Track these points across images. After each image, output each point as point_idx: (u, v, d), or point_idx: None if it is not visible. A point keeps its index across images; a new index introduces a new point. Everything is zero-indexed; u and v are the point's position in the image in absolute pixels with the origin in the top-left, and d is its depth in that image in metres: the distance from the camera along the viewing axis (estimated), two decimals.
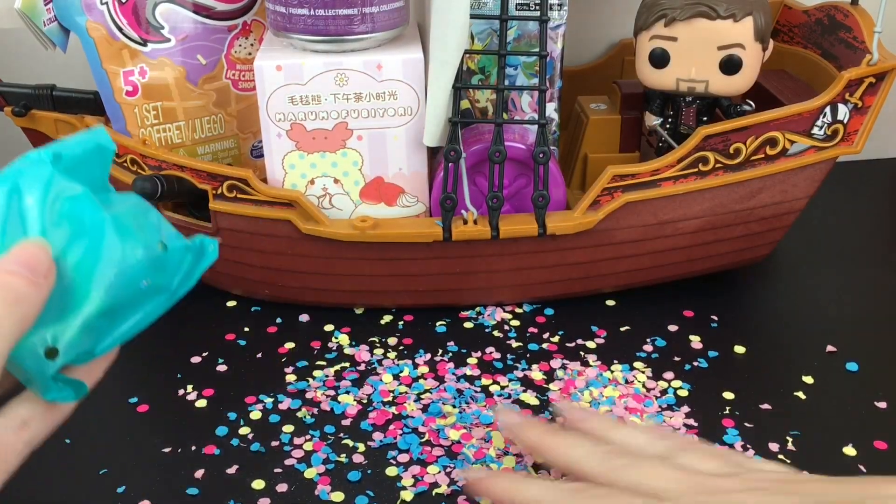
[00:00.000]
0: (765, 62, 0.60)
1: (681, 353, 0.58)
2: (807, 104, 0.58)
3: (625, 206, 0.58)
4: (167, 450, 0.50)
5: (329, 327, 0.61)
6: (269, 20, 0.57)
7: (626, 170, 0.57)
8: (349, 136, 0.56)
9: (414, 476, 0.48)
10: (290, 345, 0.59)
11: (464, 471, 0.45)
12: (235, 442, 0.50)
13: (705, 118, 0.62)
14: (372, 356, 0.58)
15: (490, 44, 0.62)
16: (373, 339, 0.59)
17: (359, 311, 0.62)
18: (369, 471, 0.48)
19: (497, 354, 0.57)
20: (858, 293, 0.64)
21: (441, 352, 0.58)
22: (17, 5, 0.57)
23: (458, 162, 0.55)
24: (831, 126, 0.58)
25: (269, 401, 0.54)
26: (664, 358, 0.57)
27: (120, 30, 0.59)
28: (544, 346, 0.58)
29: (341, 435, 0.51)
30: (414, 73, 0.55)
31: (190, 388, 0.55)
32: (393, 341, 0.59)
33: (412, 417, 0.52)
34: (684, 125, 0.62)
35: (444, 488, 0.47)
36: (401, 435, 0.50)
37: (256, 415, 0.52)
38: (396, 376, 0.55)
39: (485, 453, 0.49)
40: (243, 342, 0.59)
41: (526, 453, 0.49)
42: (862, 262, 0.69)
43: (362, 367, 0.57)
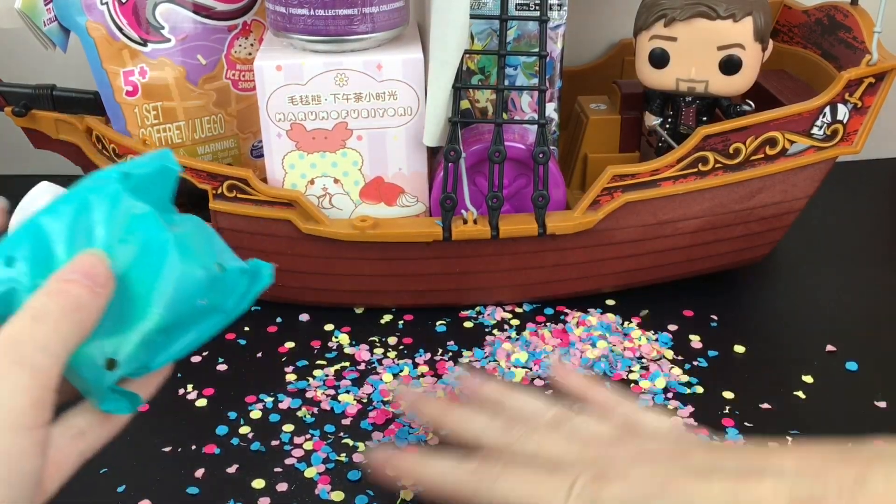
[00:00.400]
0: (764, 62, 0.60)
1: (681, 352, 0.58)
2: (806, 104, 0.58)
3: (625, 206, 0.58)
4: (167, 449, 0.50)
5: (329, 327, 0.61)
6: (269, 20, 0.57)
7: (626, 170, 0.57)
8: (349, 136, 0.57)
9: None
10: (290, 344, 0.59)
11: (369, 451, 0.45)
12: (235, 441, 0.50)
13: (705, 118, 0.62)
14: (372, 356, 0.58)
15: (490, 44, 0.62)
16: (373, 338, 0.59)
17: (359, 311, 0.62)
18: (369, 470, 0.48)
19: None
20: (858, 293, 0.64)
21: (441, 351, 0.58)
22: (17, 5, 0.57)
23: (458, 162, 0.55)
24: (831, 126, 0.58)
25: (270, 400, 0.54)
26: (664, 357, 0.57)
27: (120, 30, 0.59)
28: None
29: (341, 434, 0.51)
30: (414, 73, 0.55)
31: (190, 387, 0.55)
32: (393, 341, 0.59)
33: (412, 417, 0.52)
34: (684, 125, 0.62)
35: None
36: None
37: (256, 414, 0.52)
38: (396, 376, 0.56)
39: None
40: (243, 342, 0.59)
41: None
42: (862, 262, 0.69)
43: (362, 367, 0.57)
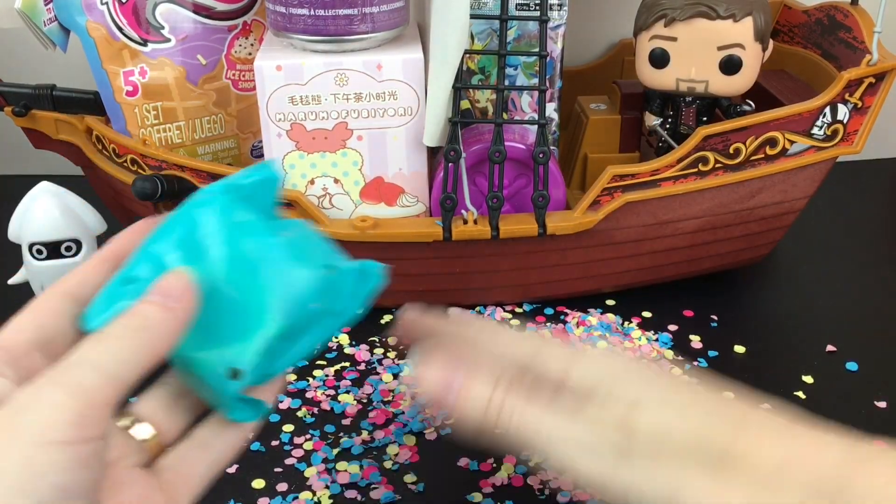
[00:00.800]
0: (765, 62, 0.60)
1: (681, 352, 0.58)
2: (807, 104, 0.58)
3: (625, 206, 0.58)
4: None
5: None
6: (269, 20, 0.57)
7: (626, 170, 0.57)
8: (349, 136, 0.56)
9: (415, 473, 0.48)
10: None
11: (400, 313, 0.40)
12: None
13: (705, 118, 0.62)
14: (372, 356, 0.58)
15: (490, 44, 0.62)
16: (373, 338, 0.59)
17: (359, 311, 0.62)
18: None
19: None
20: (859, 293, 0.64)
21: None
22: (17, 5, 0.57)
23: (458, 162, 0.55)
24: (831, 126, 0.58)
25: None
26: (664, 358, 0.57)
27: (120, 30, 0.59)
28: None
29: (341, 434, 0.51)
30: (414, 73, 0.55)
31: None
32: (393, 341, 0.59)
33: (410, 417, 0.52)
34: (684, 125, 0.62)
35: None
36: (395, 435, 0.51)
37: None
38: (396, 376, 0.55)
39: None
40: None
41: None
42: (862, 262, 0.69)
43: (362, 367, 0.57)
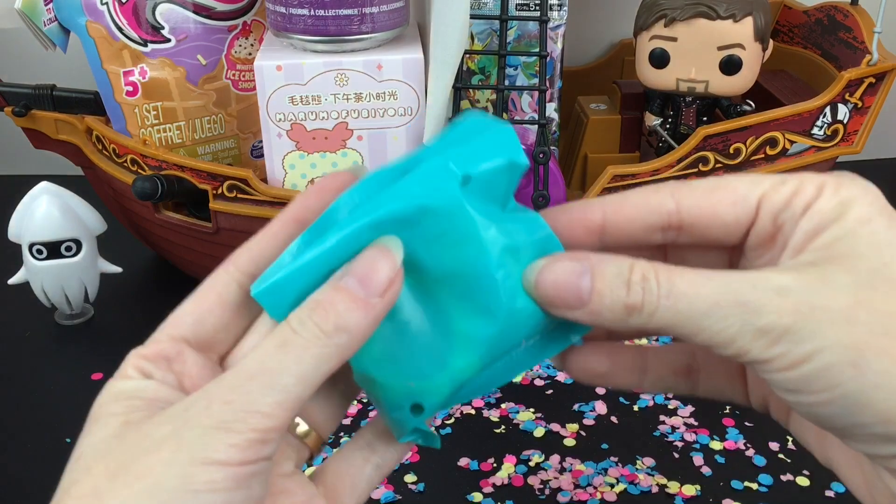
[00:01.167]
0: (765, 62, 0.60)
1: None
2: (807, 104, 0.58)
3: None
4: None
5: None
6: (269, 20, 0.57)
7: (626, 170, 0.57)
8: (349, 136, 0.56)
9: (415, 473, 0.48)
10: None
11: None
12: None
13: (705, 118, 0.62)
14: None
15: (490, 44, 0.62)
16: None
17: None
18: None
19: None
20: None
21: None
22: (17, 5, 0.57)
23: None
24: (831, 126, 0.58)
25: None
26: None
27: (120, 30, 0.59)
28: None
29: (341, 434, 0.51)
30: (414, 73, 0.55)
31: None
32: None
33: None
34: (684, 125, 0.62)
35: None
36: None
37: None
38: None
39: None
40: None
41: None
42: None
43: None
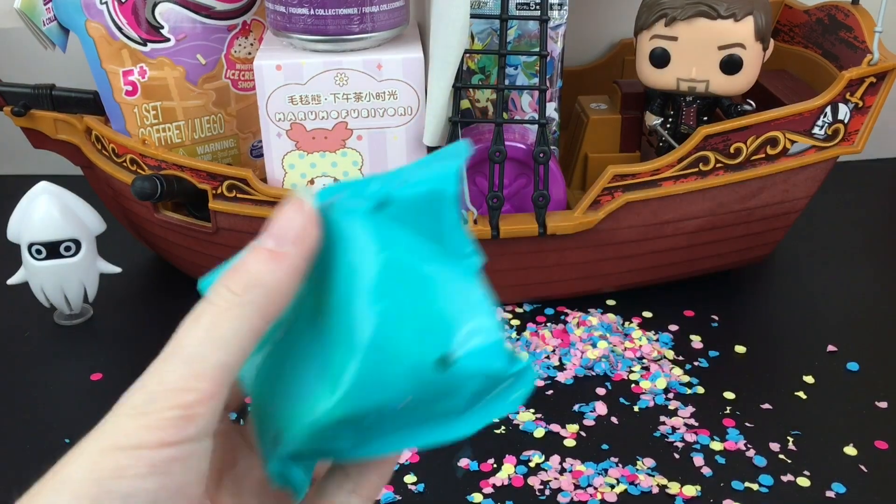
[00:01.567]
0: (765, 62, 0.60)
1: (681, 352, 0.58)
2: (807, 104, 0.57)
3: (625, 205, 0.58)
4: None
5: None
6: (268, 20, 0.57)
7: (627, 169, 0.57)
8: (349, 136, 0.56)
9: (415, 473, 0.48)
10: None
11: None
12: None
13: (706, 118, 0.62)
14: None
15: (490, 43, 0.62)
16: None
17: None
18: None
19: None
20: (860, 293, 0.64)
21: None
22: (17, 5, 0.57)
23: None
24: (832, 126, 0.58)
25: None
26: (665, 358, 0.57)
27: (119, 29, 0.59)
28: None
29: None
30: (414, 73, 0.55)
31: None
32: None
33: None
34: (685, 125, 0.62)
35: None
36: None
37: None
38: None
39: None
40: None
41: None
42: (863, 263, 0.69)
43: None
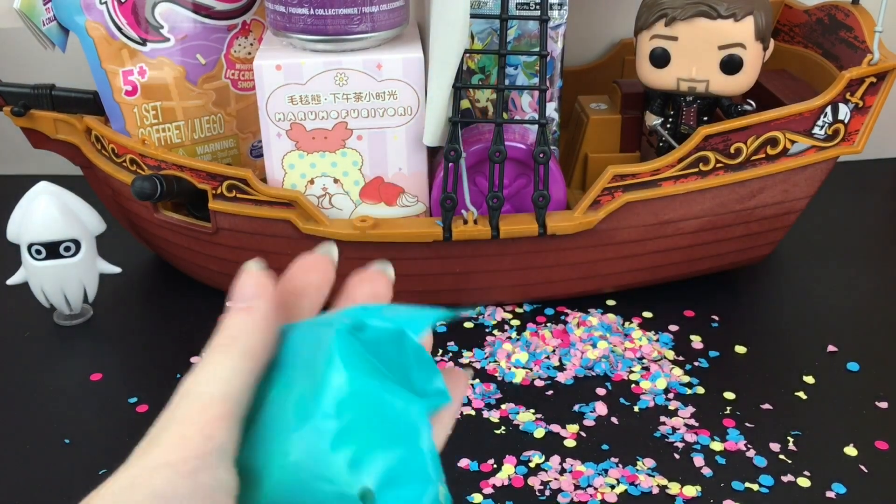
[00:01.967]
0: (765, 62, 0.60)
1: (682, 353, 0.57)
2: (808, 104, 0.57)
3: (625, 205, 0.58)
4: None
5: None
6: (268, 20, 0.57)
7: (627, 169, 0.57)
8: (349, 136, 0.56)
9: None
10: None
11: None
12: None
13: (706, 118, 0.62)
14: None
15: (490, 43, 0.62)
16: None
17: None
18: None
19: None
20: (859, 293, 0.64)
21: (441, 351, 0.58)
22: (17, 5, 0.57)
23: (458, 162, 0.55)
24: (832, 126, 0.58)
25: None
26: (665, 358, 0.57)
27: (119, 29, 0.59)
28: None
29: None
30: (414, 73, 0.55)
31: None
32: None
33: None
34: (685, 125, 0.62)
35: None
36: None
37: None
38: None
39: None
40: None
41: None
42: (862, 262, 0.69)
43: None
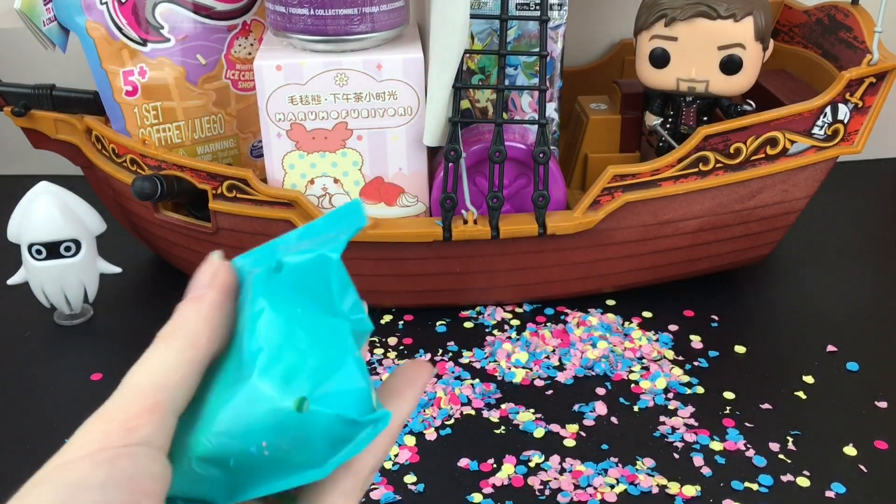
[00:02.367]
0: (765, 62, 0.60)
1: (681, 352, 0.58)
2: (807, 104, 0.57)
3: (625, 206, 0.58)
4: None
5: None
6: (268, 20, 0.57)
7: (627, 170, 0.57)
8: (349, 136, 0.56)
9: (415, 474, 0.48)
10: None
11: None
12: None
13: (706, 118, 0.62)
14: (372, 356, 0.57)
15: (490, 44, 0.62)
16: (373, 338, 0.59)
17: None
18: None
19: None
20: (859, 293, 0.64)
21: (441, 351, 0.58)
22: (17, 5, 0.57)
23: (458, 162, 0.55)
24: (832, 126, 0.58)
25: None
26: (665, 358, 0.57)
27: (119, 30, 0.59)
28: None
29: None
30: (414, 73, 0.55)
31: None
32: (393, 341, 0.59)
33: (412, 417, 0.52)
34: (684, 125, 0.62)
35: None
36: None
37: None
38: None
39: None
40: None
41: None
42: (863, 263, 0.69)
43: None
